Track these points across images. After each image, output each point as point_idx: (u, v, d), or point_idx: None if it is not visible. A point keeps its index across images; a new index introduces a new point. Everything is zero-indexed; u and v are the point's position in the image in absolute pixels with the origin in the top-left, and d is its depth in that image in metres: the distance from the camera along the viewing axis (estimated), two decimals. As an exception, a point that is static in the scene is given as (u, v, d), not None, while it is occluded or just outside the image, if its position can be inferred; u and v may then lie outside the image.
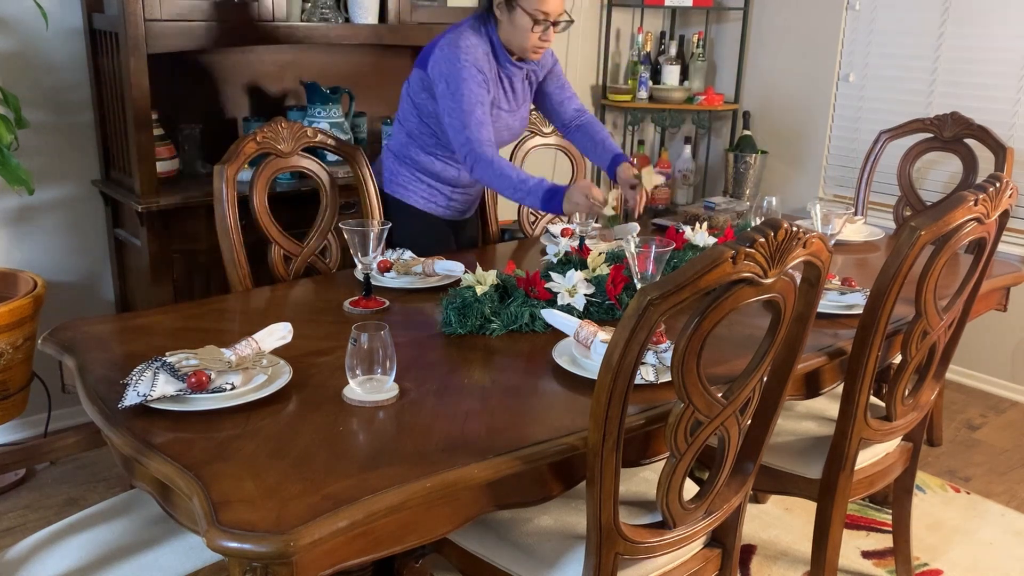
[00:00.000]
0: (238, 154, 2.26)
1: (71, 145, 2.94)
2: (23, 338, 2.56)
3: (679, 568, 1.69)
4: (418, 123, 2.56)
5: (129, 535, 1.63)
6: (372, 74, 3.49)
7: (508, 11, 2.41)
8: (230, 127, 3.21)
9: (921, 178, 3.66)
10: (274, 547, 1.16)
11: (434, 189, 2.65)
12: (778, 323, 1.45)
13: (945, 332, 1.97)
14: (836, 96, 4.03)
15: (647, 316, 1.26)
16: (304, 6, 2.98)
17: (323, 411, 1.52)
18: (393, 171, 2.65)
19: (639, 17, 4.33)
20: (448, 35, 2.46)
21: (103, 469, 2.82)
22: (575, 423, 1.50)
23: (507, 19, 2.42)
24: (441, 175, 2.63)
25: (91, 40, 2.85)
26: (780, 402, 1.64)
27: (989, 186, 1.74)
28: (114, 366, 1.66)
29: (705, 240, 2.40)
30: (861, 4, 3.86)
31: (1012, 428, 3.36)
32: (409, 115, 2.58)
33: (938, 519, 2.73)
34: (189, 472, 1.30)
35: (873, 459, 2.10)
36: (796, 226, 1.34)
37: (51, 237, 2.97)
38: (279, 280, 2.31)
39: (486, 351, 1.81)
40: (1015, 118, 3.46)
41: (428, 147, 2.58)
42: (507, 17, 2.42)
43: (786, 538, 2.60)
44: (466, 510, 1.40)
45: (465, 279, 1.98)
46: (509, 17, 2.41)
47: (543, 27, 2.41)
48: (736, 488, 1.68)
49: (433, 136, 2.55)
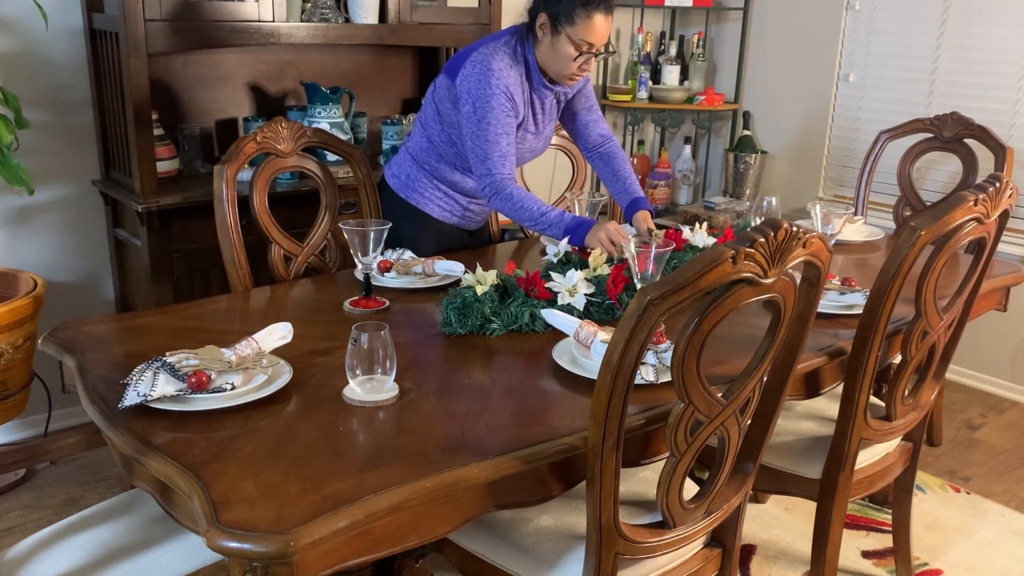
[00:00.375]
0: (238, 154, 2.26)
1: (71, 145, 2.95)
2: (23, 338, 2.56)
3: (679, 568, 1.70)
4: (439, 130, 2.49)
5: (129, 535, 1.63)
6: (372, 74, 3.49)
7: (552, 34, 2.31)
8: (230, 127, 3.21)
9: (921, 178, 3.66)
10: (274, 547, 1.16)
11: (451, 199, 2.58)
12: (778, 323, 1.45)
13: (945, 332, 1.98)
14: (836, 96, 4.03)
15: (647, 316, 1.26)
16: (304, 6, 2.98)
17: (323, 411, 1.52)
18: (411, 176, 2.58)
19: (639, 17, 4.33)
20: (482, 49, 2.36)
21: (103, 469, 2.82)
22: (575, 423, 1.50)
23: (548, 42, 2.33)
24: (459, 185, 2.56)
25: (91, 40, 2.85)
26: (780, 402, 1.64)
27: (989, 186, 1.74)
28: (114, 366, 1.66)
29: (705, 240, 2.40)
30: (861, 4, 3.86)
31: (1012, 428, 3.36)
32: (432, 121, 2.50)
33: (938, 519, 2.73)
34: (189, 472, 1.30)
35: (873, 459, 2.10)
36: (796, 226, 1.34)
37: (51, 237, 2.97)
38: (279, 280, 2.31)
39: (486, 351, 1.81)
40: (1015, 118, 3.46)
41: (448, 156, 2.51)
42: (548, 40, 2.32)
43: (786, 538, 2.60)
44: (466, 510, 1.40)
45: (465, 279, 1.98)
46: (551, 40, 2.32)
47: (585, 57, 2.33)
48: (736, 488, 1.68)
49: (453, 146, 2.48)
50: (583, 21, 2.26)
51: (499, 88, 2.31)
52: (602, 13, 2.28)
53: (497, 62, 2.32)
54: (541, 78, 2.41)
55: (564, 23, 2.28)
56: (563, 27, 2.28)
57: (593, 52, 2.33)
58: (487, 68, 2.31)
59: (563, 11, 2.27)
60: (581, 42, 2.29)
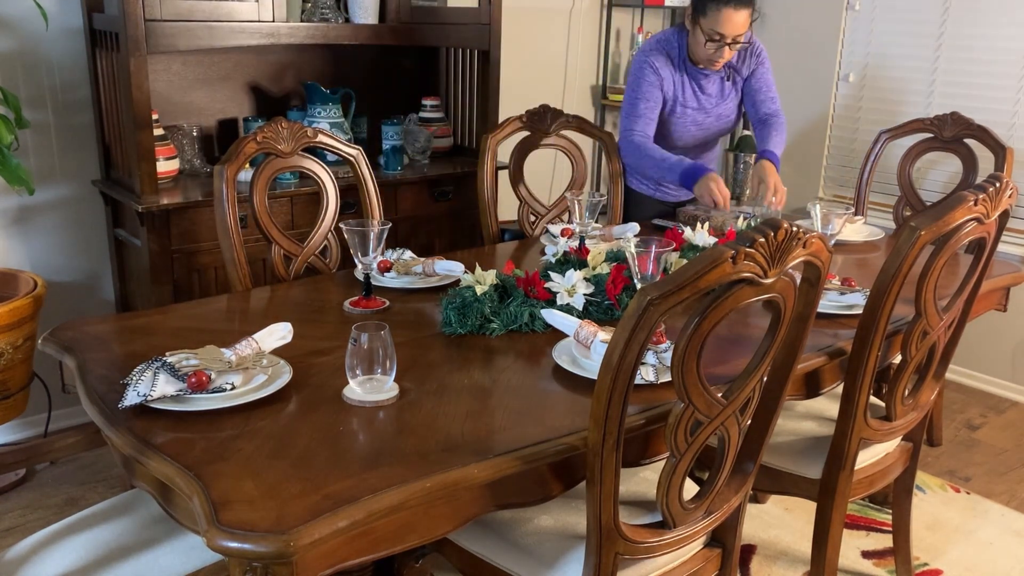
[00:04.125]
0: (238, 154, 2.26)
1: (71, 145, 2.95)
2: (23, 338, 2.56)
3: (679, 568, 1.70)
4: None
5: (129, 535, 1.63)
6: (372, 74, 3.49)
7: (692, 25, 2.81)
8: (230, 127, 3.21)
9: (921, 178, 3.66)
10: (274, 547, 1.16)
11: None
12: (778, 323, 1.45)
13: (945, 332, 1.97)
14: (836, 96, 4.03)
15: (647, 316, 1.26)
16: (304, 6, 2.98)
17: (323, 411, 1.52)
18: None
19: (639, 17, 4.33)
20: (648, 40, 2.94)
21: (103, 469, 2.82)
22: (575, 423, 1.50)
23: (692, 31, 2.82)
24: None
25: (91, 40, 2.85)
26: (780, 402, 1.64)
27: (989, 186, 1.74)
28: (114, 366, 1.66)
29: (705, 240, 2.40)
30: (861, 4, 3.87)
31: (1012, 428, 3.36)
32: None
33: (938, 519, 2.73)
34: (189, 472, 1.30)
35: (873, 459, 2.11)
36: (796, 226, 1.34)
37: (51, 237, 2.97)
38: (279, 280, 2.31)
39: (486, 351, 1.81)
40: (1015, 118, 3.46)
41: None
42: (692, 29, 2.82)
43: (786, 538, 2.60)
44: (466, 510, 1.40)
45: (465, 279, 1.98)
46: (692, 30, 2.82)
47: (716, 45, 2.76)
48: (736, 488, 1.68)
49: None
50: (713, 13, 2.72)
51: (648, 63, 2.84)
52: (731, 8, 2.71)
53: (649, 46, 2.89)
54: (691, 64, 2.89)
55: (699, 14, 2.76)
56: (699, 18, 2.76)
57: (726, 42, 2.75)
58: (641, 51, 2.91)
59: (699, 4, 2.76)
60: (712, 32, 2.74)
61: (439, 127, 3.53)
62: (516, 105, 3.46)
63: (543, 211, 2.94)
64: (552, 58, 4.13)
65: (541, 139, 2.98)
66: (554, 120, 2.95)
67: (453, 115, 3.62)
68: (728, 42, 2.75)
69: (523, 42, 3.94)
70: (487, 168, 2.85)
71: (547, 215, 2.94)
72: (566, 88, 4.22)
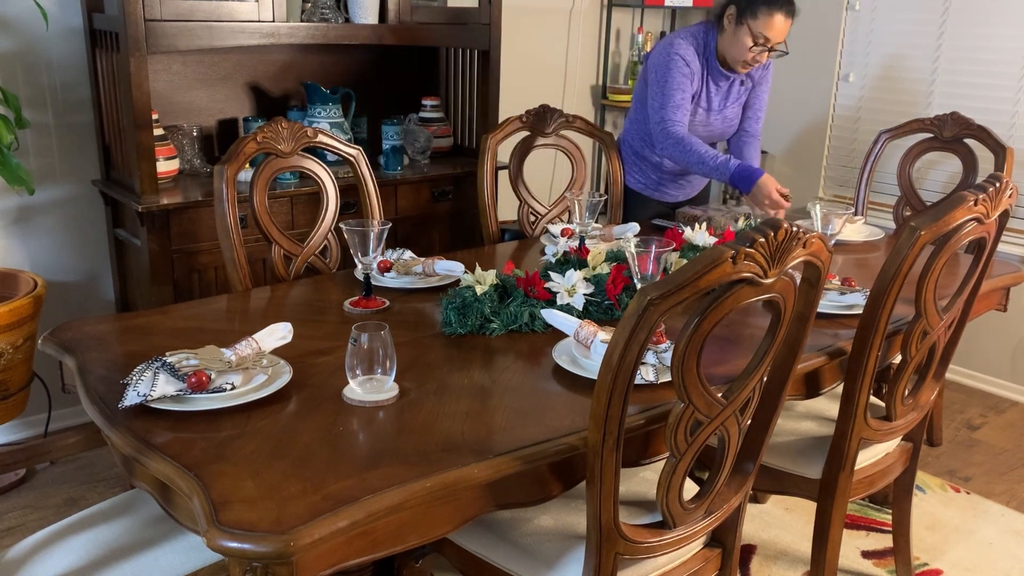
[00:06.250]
0: (238, 154, 2.26)
1: (71, 145, 2.95)
2: (23, 338, 2.56)
3: (679, 568, 1.70)
4: (639, 109, 3.01)
5: (129, 535, 1.63)
6: (372, 74, 3.49)
7: (735, 24, 2.75)
8: (230, 127, 3.21)
9: (921, 178, 3.66)
10: (274, 547, 1.16)
11: (645, 171, 3.07)
12: (778, 323, 1.45)
13: (945, 332, 1.97)
14: (836, 96, 4.03)
15: (647, 316, 1.26)
16: (304, 6, 2.98)
17: (323, 411, 1.52)
18: (625, 159, 3.11)
19: (639, 17, 4.33)
20: (670, 35, 2.88)
21: (103, 469, 2.82)
22: (575, 423, 1.50)
23: (731, 30, 2.77)
24: (648, 159, 3.04)
25: (91, 40, 2.85)
26: (780, 402, 1.64)
27: (989, 186, 1.74)
28: (114, 366, 1.66)
29: (705, 240, 2.40)
30: (861, 4, 3.87)
31: (1012, 428, 3.36)
32: (637, 103, 3.02)
33: (938, 519, 2.73)
34: (189, 472, 1.30)
35: (873, 459, 2.10)
36: (796, 226, 1.34)
37: (51, 237, 2.97)
38: (279, 280, 2.31)
39: (486, 351, 1.81)
40: (1015, 118, 3.46)
41: (643, 133, 3.01)
42: (732, 29, 2.77)
43: (786, 538, 2.60)
44: (466, 510, 1.40)
45: (465, 279, 1.98)
46: (734, 29, 2.76)
47: (759, 49, 2.74)
48: (736, 488, 1.68)
49: (645, 123, 2.97)
50: (765, 17, 2.70)
51: (678, 54, 2.79)
52: (783, 14, 2.71)
53: (678, 39, 2.83)
54: (716, 63, 2.85)
55: (748, 16, 2.73)
56: (746, 19, 2.73)
57: (768, 47, 2.74)
58: (669, 43, 2.84)
59: (749, 6, 2.72)
60: (759, 35, 2.72)
61: (439, 127, 3.53)
62: (516, 105, 3.46)
63: (543, 211, 2.94)
64: (552, 58, 4.13)
65: (541, 139, 2.98)
66: (554, 120, 2.95)
67: (453, 115, 3.62)
68: (770, 47, 2.75)
69: (523, 42, 3.94)
70: (487, 168, 2.85)
71: (547, 215, 2.94)
72: (566, 88, 4.22)
